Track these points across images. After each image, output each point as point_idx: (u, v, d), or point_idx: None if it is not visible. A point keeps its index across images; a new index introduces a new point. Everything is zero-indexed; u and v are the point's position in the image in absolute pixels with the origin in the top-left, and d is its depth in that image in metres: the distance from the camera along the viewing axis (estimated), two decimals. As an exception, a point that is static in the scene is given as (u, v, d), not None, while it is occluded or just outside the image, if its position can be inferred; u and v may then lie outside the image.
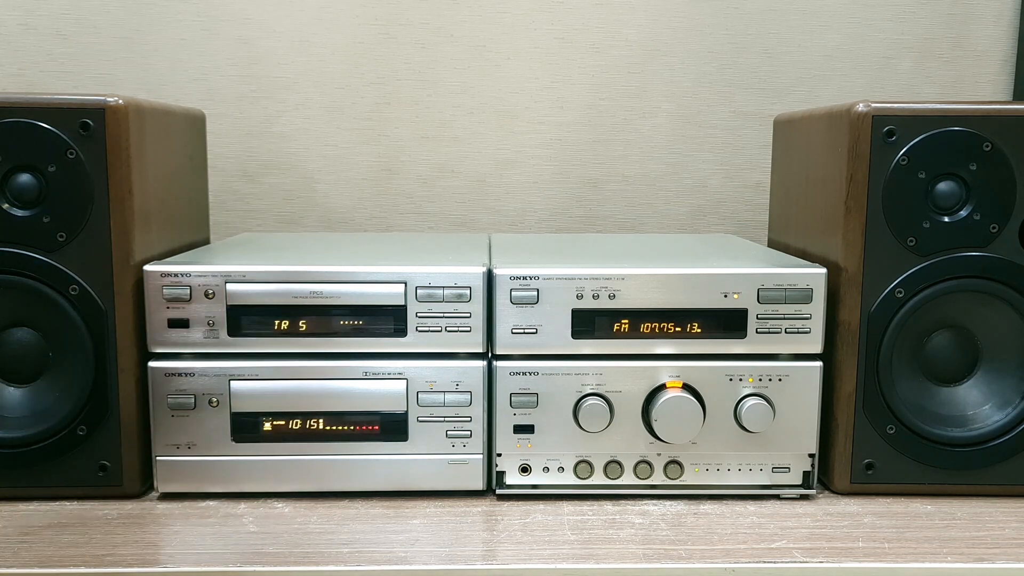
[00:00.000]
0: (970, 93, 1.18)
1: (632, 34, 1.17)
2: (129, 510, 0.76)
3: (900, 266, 0.78)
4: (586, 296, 0.77)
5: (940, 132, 0.76)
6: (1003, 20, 1.17)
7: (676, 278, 0.78)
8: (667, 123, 1.19)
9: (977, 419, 0.80)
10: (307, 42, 1.15)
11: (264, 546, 0.70)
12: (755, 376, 0.78)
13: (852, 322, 0.78)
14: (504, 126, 1.18)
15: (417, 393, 0.78)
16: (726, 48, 1.17)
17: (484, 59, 1.17)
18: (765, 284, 0.77)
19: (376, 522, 0.75)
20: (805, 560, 0.68)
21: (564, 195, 1.20)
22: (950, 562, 0.68)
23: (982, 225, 0.77)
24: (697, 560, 0.68)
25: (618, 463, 0.79)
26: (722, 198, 1.20)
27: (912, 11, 1.17)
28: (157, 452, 0.78)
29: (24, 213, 0.75)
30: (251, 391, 0.77)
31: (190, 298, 0.76)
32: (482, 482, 0.79)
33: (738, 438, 0.78)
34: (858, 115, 0.77)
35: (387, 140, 1.18)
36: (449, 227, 1.20)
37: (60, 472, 0.77)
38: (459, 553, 0.69)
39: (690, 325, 0.78)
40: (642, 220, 1.20)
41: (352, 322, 0.77)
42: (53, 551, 0.69)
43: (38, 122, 0.74)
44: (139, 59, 1.15)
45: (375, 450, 0.78)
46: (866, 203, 0.77)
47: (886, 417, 0.79)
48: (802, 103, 1.17)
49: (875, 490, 0.80)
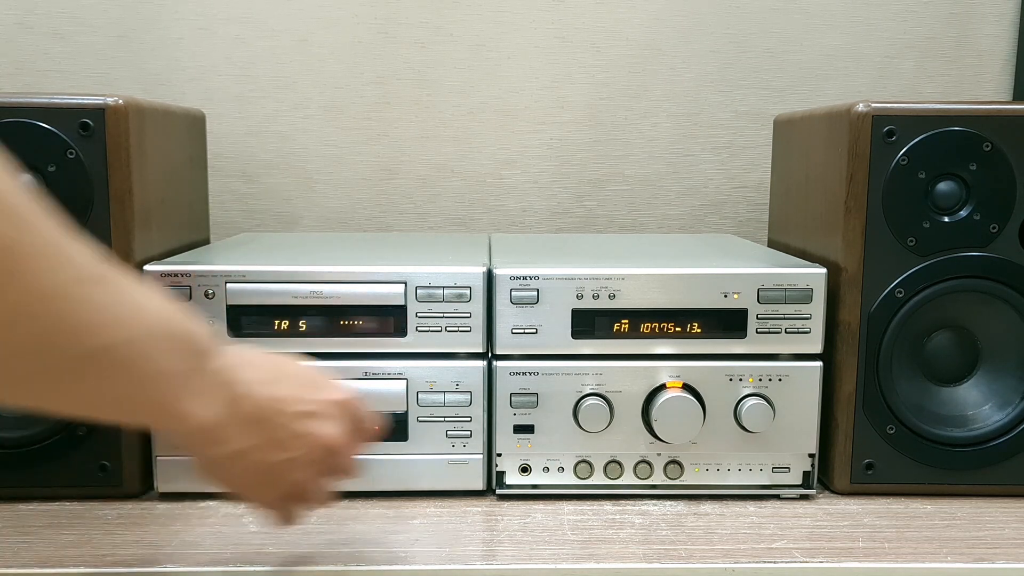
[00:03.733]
0: (972, 93, 1.18)
1: (633, 33, 1.17)
2: (129, 510, 0.76)
3: (900, 266, 0.78)
4: (586, 296, 0.77)
5: (940, 132, 0.76)
6: (1004, 20, 1.17)
7: (676, 278, 0.78)
8: (668, 123, 1.19)
9: (977, 419, 0.80)
10: (306, 41, 1.15)
11: (264, 546, 0.70)
12: (755, 376, 0.78)
13: (852, 322, 0.78)
14: (504, 126, 1.18)
15: (417, 393, 0.78)
16: (727, 48, 1.17)
17: (484, 59, 1.17)
18: (765, 284, 0.77)
19: (376, 522, 0.75)
20: (805, 560, 0.68)
21: (564, 195, 1.20)
22: (950, 562, 0.68)
23: (982, 225, 0.77)
24: (697, 560, 0.68)
25: (618, 463, 0.79)
26: (722, 198, 1.20)
27: (914, 11, 1.17)
28: (157, 452, 0.78)
29: (24, 213, 0.75)
30: (251, 391, 0.77)
31: (190, 298, 0.76)
32: (482, 482, 0.79)
33: (738, 438, 0.78)
34: (858, 115, 0.77)
35: (387, 140, 1.18)
36: (449, 227, 1.20)
37: (60, 472, 0.77)
38: (459, 553, 0.69)
39: (690, 325, 0.78)
40: (642, 220, 1.20)
41: (352, 322, 0.77)
42: (53, 551, 0.69)
43: (38, 122, 0.74)
44: (137, 59, 1.15)
45: (375, 450, 0.78)
46: (866, 203, 0.77)
47: (886, 417, 0.79)
48: (803, 103, 1.17)
49: (875, 490, 0.80)
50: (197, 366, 0.51)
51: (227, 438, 0.54)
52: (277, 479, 0.57)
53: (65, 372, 0.45)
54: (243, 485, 0.58)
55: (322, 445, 0.57)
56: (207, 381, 0.51)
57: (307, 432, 0.56)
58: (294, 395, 0.57)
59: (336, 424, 0.58)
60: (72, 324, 0.44)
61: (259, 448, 0.55)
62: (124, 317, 0.46)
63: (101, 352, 0.45)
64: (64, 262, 0.43)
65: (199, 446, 0.55)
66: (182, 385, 0.50)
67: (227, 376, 0.53)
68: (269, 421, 0.55)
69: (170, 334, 0.49)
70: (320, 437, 0.57)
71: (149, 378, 0.48)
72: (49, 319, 0.43)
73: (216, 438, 0.53)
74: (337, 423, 0.58)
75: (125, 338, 0.46)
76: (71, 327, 0.44)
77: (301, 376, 0.59)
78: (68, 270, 0.43)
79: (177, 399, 0.50)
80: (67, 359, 0.44)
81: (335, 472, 0.61)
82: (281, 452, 0.56)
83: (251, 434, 0.54)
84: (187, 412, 0.51)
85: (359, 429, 0.61)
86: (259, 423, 0.55)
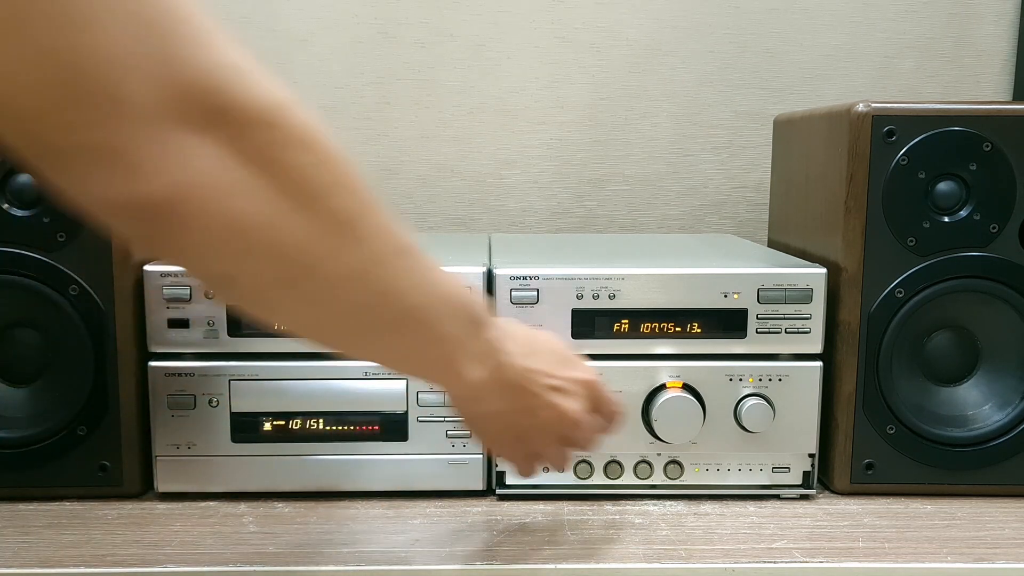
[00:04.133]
0: (972, 93, 1.18)
1: (633, 33, 1.17)
2: (129, 510, 0.76)
3: (900, 266, 0.78)
4: (586, 296, 0.77)
5: (940, 132, 0.76)
6: (1004, 20, 1.17)
7: (676, 278, 0.78)
8: (668, 123, 1.19)
9: (977, 419, 0.80)
10: (306, 41, 1.15)
11: (264, 546, 0.70)
12: (755, 376, 0.78)
13: (852, 322, 0.78)
14: (504, 126, 1.18)
15: (417, 393, 0.78)
16: (727, 48, 1.17)
17: (484, 59, 1.17)
18: (765, 284, 0.77)
19: (376, 522, 0.75)
20: (805, 560, 0.68)
21: (564, 195, 1.20)
22: (950, 562, 0.68)
23: (982, 225, 0.77)
24: (697, 560, 0.68)
25: (618, 463, 0.79)
26: (722, 198, 1.20)
27: (913, 11, 1.17)
28: (157, 452, 0.78)
29: (24, 213, 0.75)
30: (251, 391, 0.77)
31: (190, 298, 0.76)
32: (482, 482, 0.79)
33: (738, 438, 0.78)
34: (858, 115, 0.77)
35: (387, 140, 1.18)
36: (449, 227, 1.20)
37: (60, 472, 0.77)
38: (459, 553, 0.69)
39: (690, 325, 0.78)
40: (642, 220, 1.20)
41: (352, 322, 0.77)
42: (53, 551, 0.69)
43: (38, 122, 0.74)
44: (139, 59, 1.14)
45: (375, 450, 0.78)
46: (866, 203, 0.77)
47: (886, 417, 0.79)
48: (803, 103, 1.17)
49: (875, 490, 0.80)
50: (474, 333, 0.57)
51: (488, 399, 0.61)
52: (523, 440, 0.65)
53: (384, 328, 0.52)
54: (495, 441, 0.66)
55: (564, 418, 0.64)
56: (480, 348, 0.58)
57: (553, 404, 0.63)
58: (546, 369, 0.63)
59: (579, 401, 0.64)
60: (392, 288, 0.51)
61: (512, 412, 0.62)
62: (425, 285, 0.53)
63: (408, 313, 0.53)
64: (389, 235, 0.50)
65: (465, 402, 0.62)
66: (461, 348, 0.57)
67: (495, 345, 0.59)
68: (524, 389, 0.62)
69: (457, 303, 0.55)
70: (564, 411, 0.63)
71: (438, 339, 0.55)
72: (378, 283, 0.50)
73: (479, 397, 0.60)
74: (580, 400, 0.65)
75: (425, 303, 0.53)
76: (392, 290, 0.51)
77: (555, 353, 0.65)
78: (391, 242, 0.50)
79: (455, 360, 0.57)
80: (385, 317, 0.52)
81: (573, 443, 0.67)
82: (529, 418, 0.63)
83: (507, 399, 0.61)
84: (461, 372, 0.58)
85: (601, 409, 0.67)
86: (514, 390, 0.61)
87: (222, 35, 0.42)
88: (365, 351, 0.56)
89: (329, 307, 0.49)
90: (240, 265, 0.45)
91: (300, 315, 0.50)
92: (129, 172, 0.39)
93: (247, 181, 0.42)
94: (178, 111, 0.39)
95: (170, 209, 0.40)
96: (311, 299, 0.48)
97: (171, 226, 0.41)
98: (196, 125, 0.40)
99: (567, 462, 0.69)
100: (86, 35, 0.37)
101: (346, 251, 0.47)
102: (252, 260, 0.45)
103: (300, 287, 0.47)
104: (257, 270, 0.45)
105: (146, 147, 0.39)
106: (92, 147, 0.38)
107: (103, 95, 0.38)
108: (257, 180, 0.43)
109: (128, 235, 0.44)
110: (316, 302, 0.48)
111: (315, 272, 0.47)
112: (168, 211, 0.41)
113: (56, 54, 0.37)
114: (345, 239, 0.47)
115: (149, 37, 0.38)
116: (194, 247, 0.43)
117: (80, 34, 0.37)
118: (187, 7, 0.40)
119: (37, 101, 0.37)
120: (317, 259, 0.46)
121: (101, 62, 0.37)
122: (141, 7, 0.38)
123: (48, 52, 0.37)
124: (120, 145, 0.38)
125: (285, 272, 0.46)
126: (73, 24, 0.36)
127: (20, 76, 0.37)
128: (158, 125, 0.39)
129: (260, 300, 0.49)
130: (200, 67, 0.40)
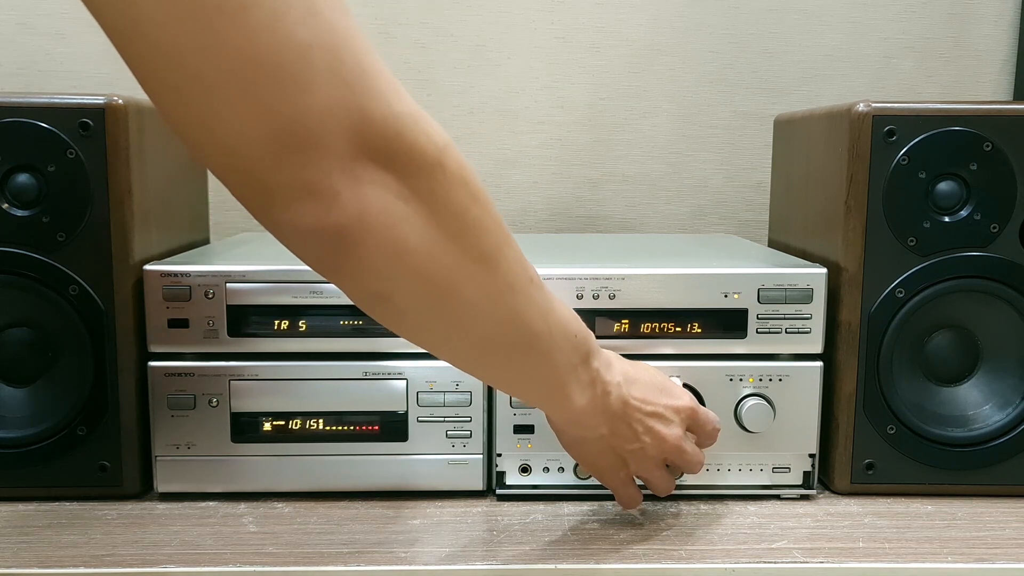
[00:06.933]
0: (971, 93, 1.18)
1: (632, 33, 1.17)
2: (129, 510, 0.76)
3: (900, 266, 0.78)
4: (586, 296, 0.77)
5: (940, 132, 0.76)
6: (1004, 20, 1.17)
7: (676, 278, 0.78)
8: (667, 123, 1.19)
9: (977, 419, 0.80)
10: (307, 42, 1.15)
11: (264, 546, 0.70)
12: (755, 376, 0.78)
13: (852, 322, 0.78)
14: (504, 126, 1.18)
15: (417, 393, 0.78)
16: (727, 48, 1.17)
17: (484, 59, 1.17)
18: (765, 284, 0.77)
19: (376, 522, 0.75)
20: (805, 560, 0.68)
21: (564, 195, 1.20)
22: (950, 562, 0.68)
23: (982, 225, 0.77)
24: (697, 560, 0.68)
25: (618, 463, 0.79)
26: (722, 198, 1.20)
27: (912, 11, 1.17)
28: (157, 452, 0.78)
29: (24, 213, 0.75)
30: (251, 391, 0.77)
31: (190, 298, 0.76)
32: (482, 482, 0.79)
33: (738, 438, 0.78)
34: (858, 115, 0.77)
35: (387, 140, 1.18)
36: (449, 227, 1.19)
37: (60, 472, 0.77)
38: (459, 553, 0.69)
39: (690, 325, 0.78)
40: (642, 220, 1.20)
41: (352, 322, 0.77)
42: (53, 551, 0.69)
43: (38, 122, 0.74)
44: (139, 59, 1.14)
45: (375, 450, 0.78)
46: (866, 203, 0.77)
47: (886, 417, 0.79)
48: (803, 103, 1.17)
49: (875, 490, 0.80)
50: (584, 362, 0.62)
51: (592, 424, 0.66)
52: (622, 464, 0.70)
53: (511, 349, 0.58)
54: (595, 465, 0.71)
55: (665, 443, 0.68)
56: (588, 376, 0.63)
57: (652, 430, 0.67)
58: (646, 397, 0.67)
59: (677, 427, 0.69)
60: (520, 314, 0.56)
61: (613, 436, 0.67)
62: (547, 314, 0.58)
63: (532, 338, 0.58)
64: (520, 266, 0.56)
65: (568, 426, 0.68)
66: (572, 374, 0.62)
67: (600, 375, 0.64)
68: (625, 416, 0.66)
69: (571, 333, 0.61)
70: (664, 437, 0.68)
71: (553, 365, 0.60)
72: (508, 309, 0.56)
73: (583, 423, 0.65)
74: (678, 426, 0.69)
75: (547, 331, 0.58)
76: (519, 316, 0.56)
77: (655, 382, 0.69)
78: (522, 273, 0.56)
79: (565, 385, 0.62)
80: (512, 340, 0.57)
81: (677, 468, 0.72)
82: (630, 443, 0.67)
83: (609, 424, 0.66)
84: (570, 397, 0.62)
85: (700, 434, 0.72)
86: (616, 416, 0.66)
87: (399, 86, 0.48)
88: (490, 371, 0.61)
89: (465, 328, 0.55)
90: (396, 285, 0.51)
91: (440, 334, 0.56)
92: (328, 202, 0.46)
93: (414, 213, 0.49)
94: (367, 153, 0.46)
95: (351, 233, 0.47)
96: (451, 319, 0.54)
97: (347, 247, 0.48)
98: (379, 164, 0.47)
99: (671, 486, 0.73)
100: (305, 96, 0.44)
101: (485, 278, 0.53)
102: (407, 282, 0.51)
103: (443, 307, 0.53)
104: (410, 290, 0.51)
105: (342, 182, 0.46)
106: (301, 184, 0.46)
107: (313, 142, 0.45)
108: (421, 212, 0.49)
109: (312, 256, 0.50)
110: (455, 323, 0.54)
111: (457, 296, 0.53)
112: (350, 234, 0.47)
113: (280, 112, 0.44)
114: (485, 267, 0.53)
115: (350, 94, 0.45)
116: (362, 267, 0.49)
117: (301, 95, 0.44)
118: (375, 65, 0.46)
119: (260, 150, 0.44)
120: (460, 284, 0.53)
121: (314, 117, 0.44)
122: (343, 67, 0.45)
123: (274, 111, 0.44)
124: (323, 182, 0.46)
125: (432, 293, 0.52)
126: (296, 86, 0.44)
127: (249, 130, 0.44)
128: (352, 164, 0.46)
129: (408, 318, 0.54)
130: (386, 116, 0.47)
